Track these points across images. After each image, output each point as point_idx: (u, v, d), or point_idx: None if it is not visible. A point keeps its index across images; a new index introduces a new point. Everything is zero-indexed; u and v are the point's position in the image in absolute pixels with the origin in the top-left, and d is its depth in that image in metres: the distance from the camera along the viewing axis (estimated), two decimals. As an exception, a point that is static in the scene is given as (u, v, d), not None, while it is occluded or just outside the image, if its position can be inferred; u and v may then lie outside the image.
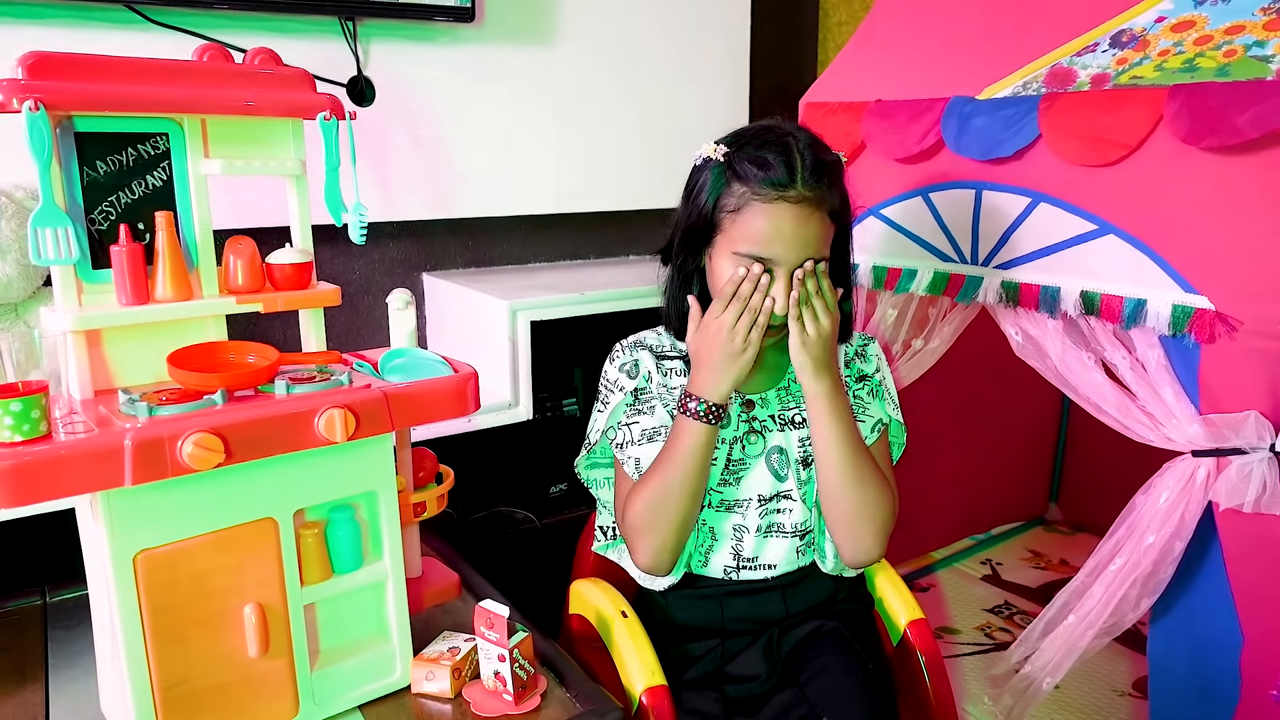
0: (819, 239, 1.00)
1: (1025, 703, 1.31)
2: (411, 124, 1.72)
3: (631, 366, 1.13)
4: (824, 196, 1.00)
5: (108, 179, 0.90)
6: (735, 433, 1.10)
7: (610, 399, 1.12)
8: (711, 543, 1.11)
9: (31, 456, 0.75)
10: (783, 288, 1.00)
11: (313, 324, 1.03)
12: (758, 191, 0.98)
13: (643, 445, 1.09)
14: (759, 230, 0.99)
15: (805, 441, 1.11)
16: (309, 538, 0.93)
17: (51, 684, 1.03)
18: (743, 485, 1.10)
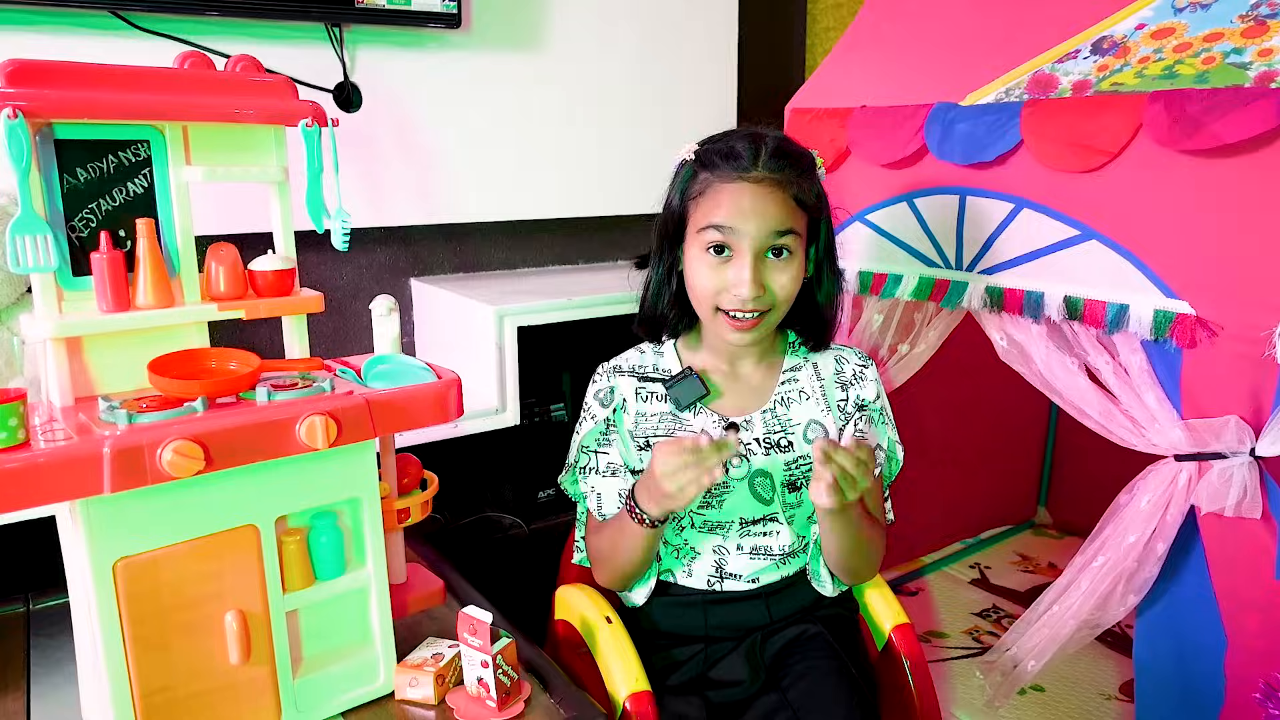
0: (781, 217, 1.00)
1: (1011, 683, 1.34)
2: (399, 129, 1.72)
3: (606, 394, 1.12)
4: (789, 180, 1.01)
5: (88, 186, 0.89)
6: None
7: (584, 425, 1.14)
8: (694, 557, 1.12)
9: (8, 464, 0.74)
10: (745, 263, 1.00)
11: (296, 330, 1.03)
12: (720, 174, 1.02)
13: (604, 478, 1.11)
14: (719, 205, 1.01)
15: (791, 465, 1.10)
16: (291, 545, 0.93)
17: (33, 692, 1.03)
18: (725, 508, 1.10)
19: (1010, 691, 1.47)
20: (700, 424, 1.09)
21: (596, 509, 1.11)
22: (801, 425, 1.11)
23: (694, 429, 1.09)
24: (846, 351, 1.18)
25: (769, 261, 1.02)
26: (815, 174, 1.05)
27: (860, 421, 1.14)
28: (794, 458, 1.10)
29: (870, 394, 1.15)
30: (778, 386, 1.12)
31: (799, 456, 1.10)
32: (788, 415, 1.11)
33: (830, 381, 1.14)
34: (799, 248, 1.02)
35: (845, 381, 1.15)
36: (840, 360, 1.16)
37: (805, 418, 1.12)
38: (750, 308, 1.01)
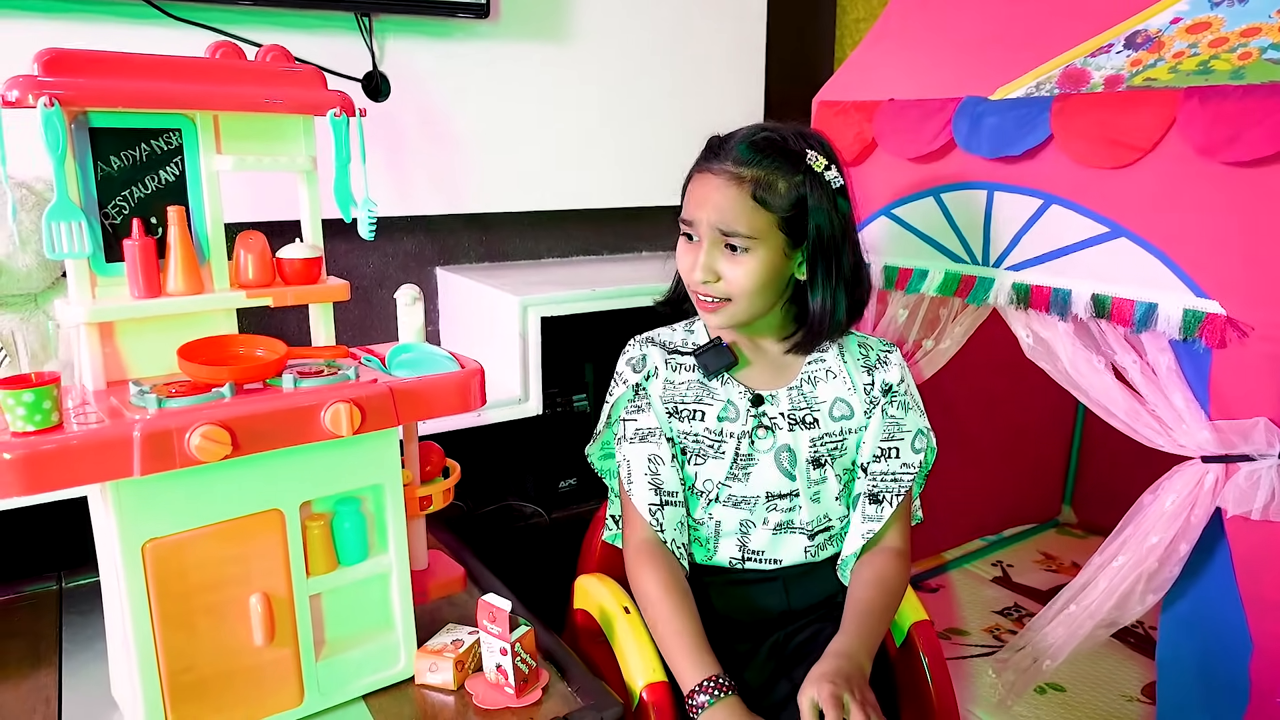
0: (730, 216, 1.01)
1: (1025, 680, 1.33)
2: (426, 119, 1.73)
3: (638, 361, 1.14)
4: (752, 178, 1.01)
5: (121, 174, 0.91)
6: (744, 427, 1.11)
7: (615, 390, 1.15)
8: (718, 537, 1.13)
9: (42, 446, 0.76)
10: (699, 249, 1.04)
11: (322, 318, 1.05)
12: (698, 164, 1.07)
13: (634, 444, 1.12)
14: (689, 194, 1.06)
15: (816, 442, 1.12)
16: (315, 529, 0.95)
17: (65, 668, 1.06)
18: (751, 481, 1.11)
19: (1024, 689, 1.46)
20: (727, 394, 1.11)
21: (626, 478, 1.11)
22: (827, 403, 1.13)
23: (721, 398, 1.11)
24: (870, 339, 1.19)
25: (725, 253, 1.03)
26: (802, 174, 1.02)
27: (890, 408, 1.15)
28: (819, 434, 1.12)
29: (894, 377, 1.15)
30: (804, 366, 1.14)
31: (824, 434, 1.12)
32: (814, 393, 1.13)
33: (856, 365, 1.16)
34: (759, 246, 1.02)
35: (870, 365, 1.16)
36: (864, 346, 1.18)
37: (831, 395, 1.14)
38: (705, 291, 1.05)
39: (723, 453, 1.11)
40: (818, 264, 1.06)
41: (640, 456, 1.11)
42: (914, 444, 1.15)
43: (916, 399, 1.18)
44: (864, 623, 1.05)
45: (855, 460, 1.16)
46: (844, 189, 1.07)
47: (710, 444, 1.12)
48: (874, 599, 1.08)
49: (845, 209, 1.07)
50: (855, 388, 1.15)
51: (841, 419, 1.13)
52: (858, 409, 1.14)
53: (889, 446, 1.14)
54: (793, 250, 1.05)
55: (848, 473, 1.15)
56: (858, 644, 1.02)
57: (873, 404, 1.14)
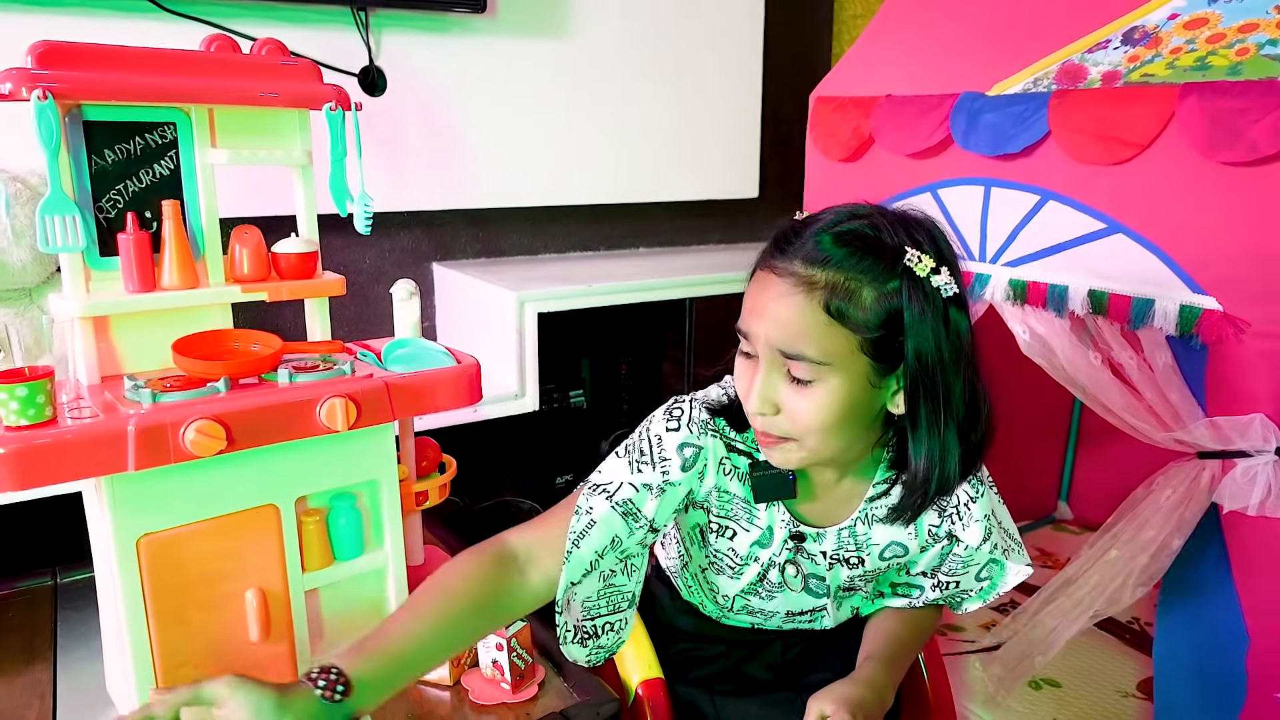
0: (792, 332, 0.77)
1: (1015, 675, 1.32)
2: (423, 114, 1.73)
3: (692, 456, 0.88)
4: (829, 282, 0.76)
5: (116, 167, 0.91)
6: (774, 556, 0.93)
7: (645, 471, 0.88)
8: (730, 618, 1.03)
9: (36, 441, 0.76)
10: (756, 370, 0.81)
11: (318, 313, 1.04)
12: (764, 259, 0.82)
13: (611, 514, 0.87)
14: (748, 299, 0.83)
15: (856, 579, 0.96)
16: (311, 525, 0.94)
17: (60, 663, 1.05)
18: (770, 602, 0.98)
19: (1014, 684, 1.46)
20: (769, 519, 0.92)
21: (575, 533, 0.87)
22: (880, 546, 0.94)
23: (761, 523, 0.92)
24: (955, 498, 0.92)
25: (788, 378, 0.80)
26: (899, 279, 0.77)
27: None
28: (861, 572, 0.95)
29: (974, 539, 0.91)
30: (864, 503, 0.92)
31: (867, 571, 0.96)
32: (867, 534, 0.93)
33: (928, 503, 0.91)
34: (833, 374, 0.78)
35: (944, 508, 0.92)
36: (942, 509, 0.92)
37: (886, 539, 0.93)
38: (760, 426, 0.83)
39: (741, 575, 0.96)
40: (919, 401, 0.80)
41: (605, 531, 0.87)
42: (980, 574, 0.98)
43: (1002, 545, 0.95)
44: (895, 655, 0.95)
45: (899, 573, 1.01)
46: (959, 299, 0.79)
47: (730, 564, 0.96)
48: (902, 634, 0.98)
49: (960, 324, 0.79)
50: (918, 531, 0.93)
51: (891, 559, 0.95)
52: (913, 549, 0.95)
53: (949, 580, 0.98)
54: (883, 377, 0.80)
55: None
56: (885, 678, 0.91)
57: (933, 541, 0.94)
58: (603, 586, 0.91)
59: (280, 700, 0.71)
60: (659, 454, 0.88)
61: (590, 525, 0.87)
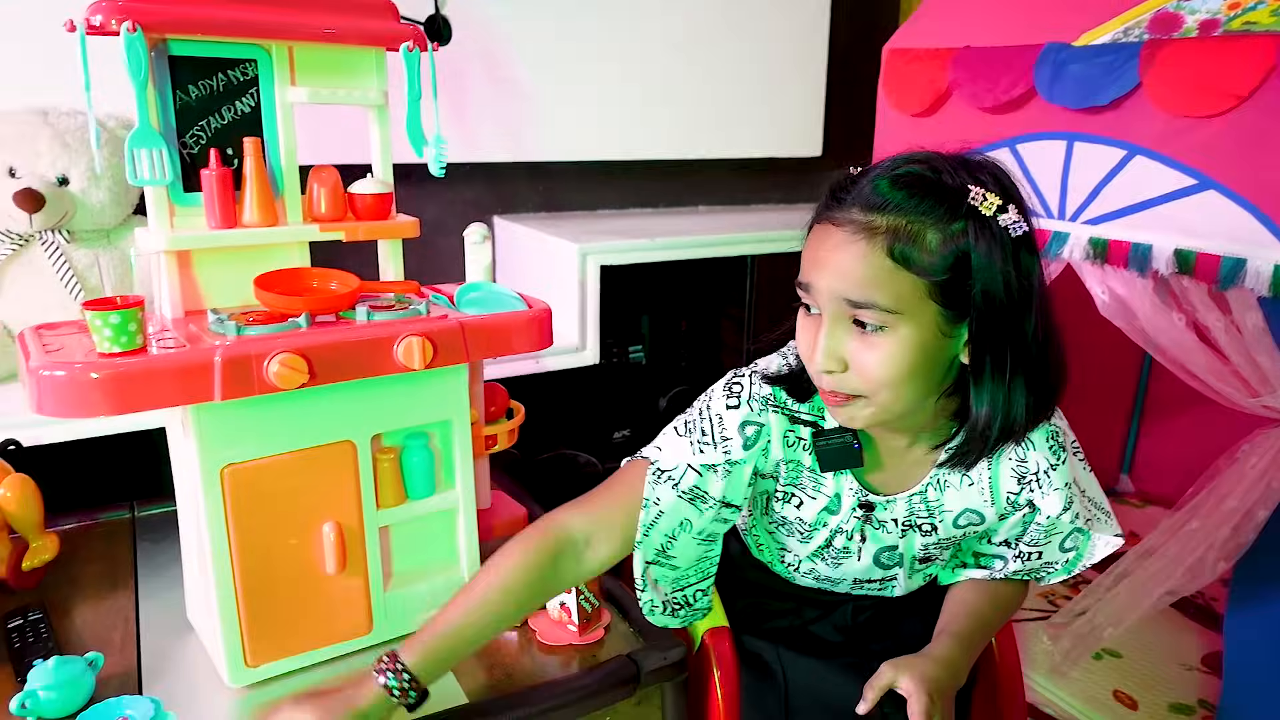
0: (858, 280, 0.74)
1: (1083, 648, 1.31)
2: (487, 64, 1.72)
3: (755, 434, 0.87)
4: (890, 227, 0.73)
5: (199, 103, 0.91)
6: (842, 523, 0.92)
7: (703, 445, 0.87)
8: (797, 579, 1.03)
9: (128, 367, 0.77)
10: (820, 327, 0.78)
11: (391, 255, 1.05)
12: (821, 213, 0.79)
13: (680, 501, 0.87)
14: (807, 253, 0.80)
15: (929, 547, 0.94)
16: (385, 462, 0.95)
17: (140, 591, 1.08)
18: (839, 569, 0.97)
19: (1082, 657, 1.44)
20: (836, 487, 0.90)
21: (645, 522, 0.88)
22: (954, 512, 0.91)
23: (828, 491, 0.91)
24: (1037, 431, 0.86)
25: (855, 330, 0.77)
26: (963, 219, 0.73)
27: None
28: (935, 540, 0.92)
29: (1053, 508, 0.88)
30: (935, 468, 0.89)
31: (941, 539, 0.93)
32: (939, 500, 0.90)
33: (1004, 470, 0.89)
34: (903, 322, 0.74)
35: (1023, 475, 0.88)
36: (1025, 445, 0.87)
37: (960, 505, 0.90)
38: (828, 384, 0.79)
39: (810, 539, 0.95)
40: (986, 345, 0.76)
41: (674, 517, 0.88)
42: (1064, 544, 0.94)
43: (1083, 516, 0.91)
44: (973, 632, 0.92)
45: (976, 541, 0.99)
46: (1028, 237, 0.76)
47: (799, 530, 0.95)
48: (983, 609, 0.95)
49: (1030, 266, 0.76)
50: (995, 498, 0.90)
51: (967, 526, 0.92)
52: (990, 516, 0.91)
53: (1030, 550, 0.94)
54: (954, 325, 0.76)
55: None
56: (961, 655, 0.89)
57: (1012, 509, 0.91)
58: (692, 561, 0.92)
59: (359, 716, 0.78)
60: (720, 433, 0.87)
61: (659, 516, 0.88)
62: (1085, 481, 0.92)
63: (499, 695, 0.92)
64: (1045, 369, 0.80)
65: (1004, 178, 0.78)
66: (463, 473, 1.01)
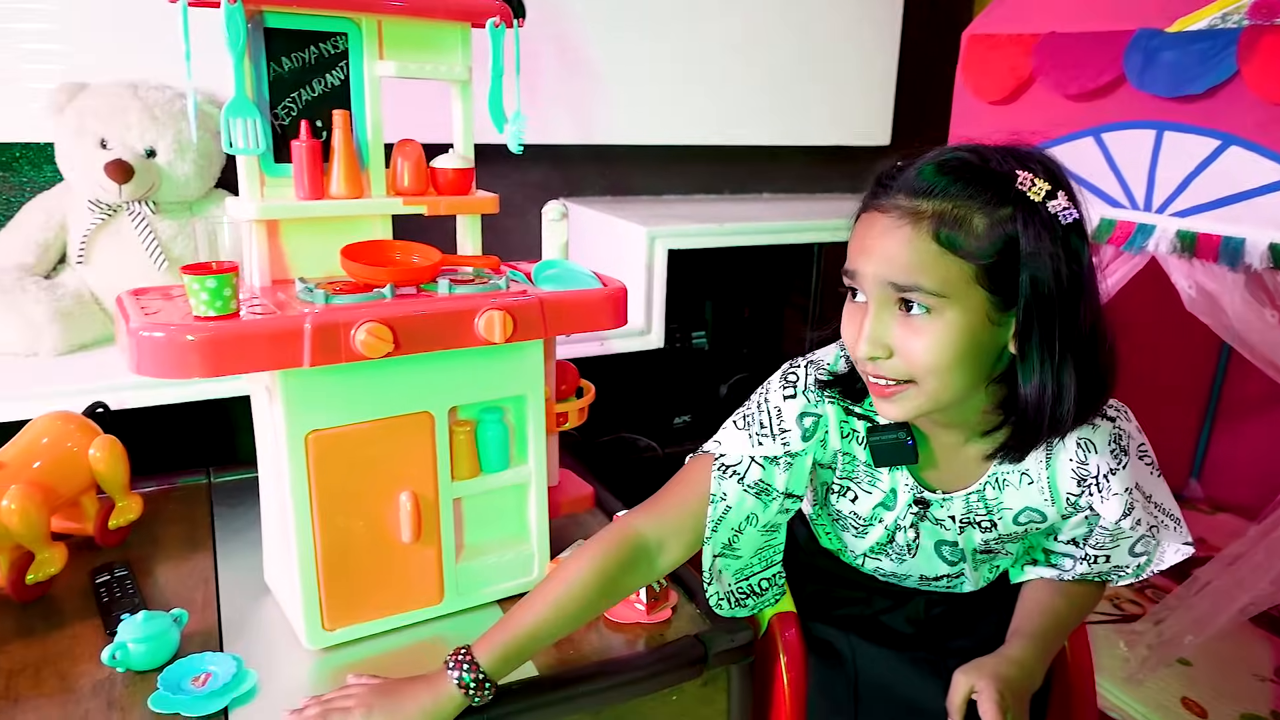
0: (903, 264, 0.74)
1: (1160, 656, 1.27)
2: (559, 46, 1.72)
3: (812, 425, 0.88)
4: (936, 211, 0.73)
5: (291, 75, 0.93)
6: (900, 519, 0.91)
7: (765, 444, 0.88)
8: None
9: (223, 331, 0.79)
10: (865, 312, 0.77)
11: (469, 230, 1.06)
12: (867, 201, 0.79)
13: (745, 494, 0.88)
14: (853, 240, 0.80)
15: (990, 542, 0.92)
16: (461, 435, 0.96)
17: (219, 554, 1.11)
18: (904, 566, 0.97)
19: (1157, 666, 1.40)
20: (892, 482, 0.90)
21: (713, 517, 0.89)
22: (1013, 510, 0.89)
23: (884, 486, 0.91)
24: (1099, 433, 0.84)
25: (900, 316, 0.76)
26: (1011, 205, 0.73)
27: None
28: (996, 535, 0.91)
29: (1111, 514, 0.86)
30: (994, 466, 0.87)
31: (1002, 535, 0.91)
32: (998, 499, 0.88)
33: (1064, 470, 0.86)
34: (950, 307, 0.74)
35: (1084, 477, 0.86)
36: (1086, 446, 0.84)
37: (1020, 504, 0.89)
38: (872, 371, 0.78)
39: (865, 534, 0.95)
40: (1033, 332, 0.75)
41: (740, 511, 0.89)
42: (1133, 548, 0.91)
43: (1146, 521, 0.89)
44: (1048, 632, 0.91)
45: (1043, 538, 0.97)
46: (1078, 225, 0.75)
47: (854, 525, 0.96)
48: (1059, 608, 0.93)
49: (1081, 253, 0.75)
50: (1055, 498, 0.88)
51: (1028, 524, 0.90)
52: (1051, 515, 0.89)
53: (1097, 554, 0.92)
54: (1003, 312, 0.75)
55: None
56: (1035, 657, 0.87)
57: (1074, 510, 0.89)
58: (755, 551, 0.93)
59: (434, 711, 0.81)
60: (778, 425, 0.88)
61: (726, 511, 0.89)
62: (1152, 487, 0.90)
63: (568, 670, 0.92)
64: (1095, 359, 0.78)
65: (1053, 165, 0.77)
66: (535, 448, 1.01)
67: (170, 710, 0.82)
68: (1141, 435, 0.89)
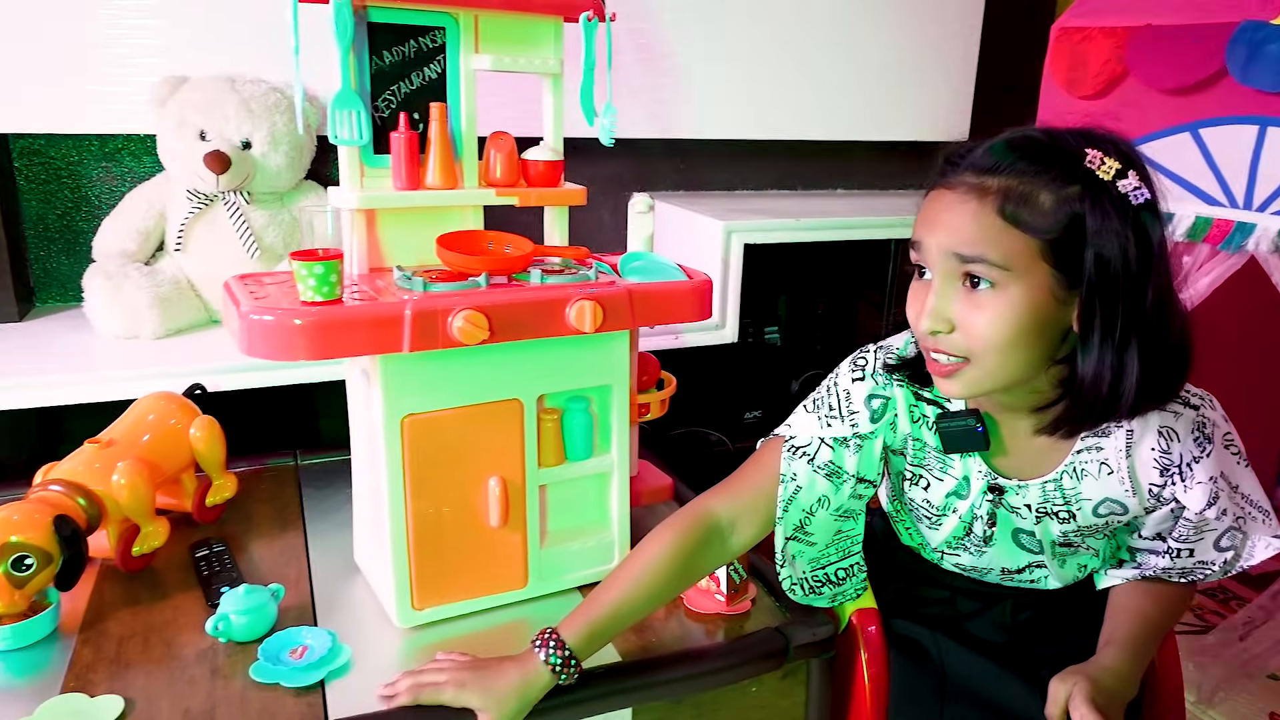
0: (968, 236, 0.74)
1: (1237, 675, 1.22)
2: (634, 40, 1.73)
3: (881, 407, 0.90)
4: (1001, 187, 0.73)
5: (392, 69, 0.95)
6: (975, 507, 0.91)
7: (834, 425, 0.91)
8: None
9: (329, 316, 0.82)
10: (928, 286, 0.78)
11: (557, 221, 1.07)
12: (934, 179, 0.80)
13: (815, 475, 0.90)
14: (919, 216, 0.80)
15: (1070, 534, 0.90)
16: (548, 422, 0.98)
17: (309, 532, 1.15)
18: (984, 558, 0.96)
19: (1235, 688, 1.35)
20: (965, 469, 0.90)
21: (784, 497, 0.91)
22: (1093, 501, 0.87)
23: (956, 473, 0.90)
24: (1181, 421, 0.83)
25: (964, 291, 0.76)
26: (1079, 183, 0.73)
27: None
28: (1075, 527, 0.89)
29: (1195, 503, 0.84)
30: (1072, 455, 0.86)
31: (1082, 527, 0.89)
32: (1076, 489, 0.87)
33: (1145, 459, 0.84)
34: (1013, 281, 0.74)
35: (1166, 466, 0.84)
36: (1168, 435, 0.83)
37: (1100, 495, 0.87)
38: (932, 345, 0.78)
39: (939, 525, 0.95)
40: (1095, 310, 0.74)
41: (811, 493, 0.91)
42: (1219, 542, 0.89)
43: (1234, 511, 0.86)
44: (1140, 639, 0.89)
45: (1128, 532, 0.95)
46: (1151, 205, 0.74)
47: (927, 514, 0.96)
48: (1149, 612, 0.91)
49: (1153, 232, 0.74)
50: (1137, 489, 0.86)
51: (1109, 515, 0.88)
52: (1133, 507, 0.87)
53: (1180, 547, 0.90)
54: (1068, 291, 0.75)
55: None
56: (1130, 666, 0.85)
57: (1157, 502, 0.87)
58: (830, 538, 0.94)
59: (523, 689, 0.82)
60: (847, 407, 0.91)
61: (797, 491, 0.91)
62: (1239, 477, 0.87)
63: (650, 656, 0.93)
64: (1163, 341, 0.77)
65: (1125, 146, 0.77)
66: (619, 438, 1.03)
67: (271, 680, 0.86)
68: (1228, 424, 0.87)
